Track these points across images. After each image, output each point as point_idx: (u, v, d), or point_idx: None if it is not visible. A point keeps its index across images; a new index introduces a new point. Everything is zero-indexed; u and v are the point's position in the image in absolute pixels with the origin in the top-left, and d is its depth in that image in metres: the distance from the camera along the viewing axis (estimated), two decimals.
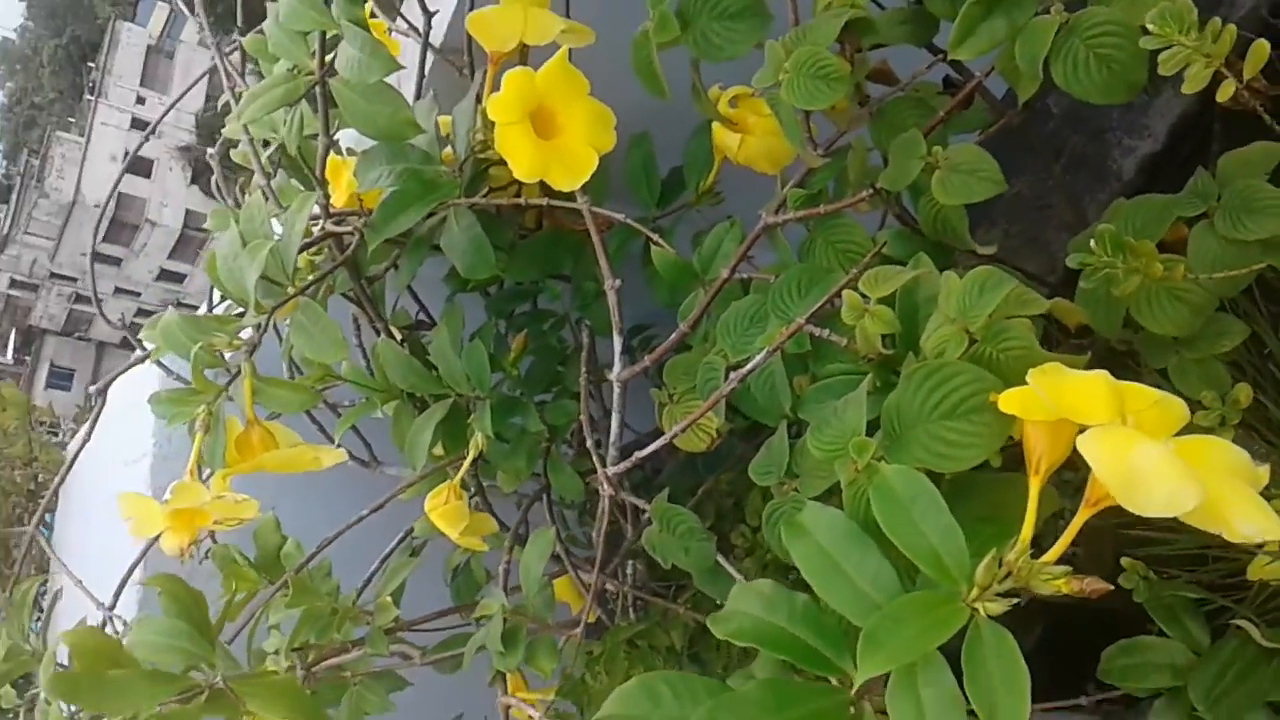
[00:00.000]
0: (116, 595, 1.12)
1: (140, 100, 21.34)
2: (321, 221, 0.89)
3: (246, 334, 0.81)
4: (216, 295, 1.13)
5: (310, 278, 0.84)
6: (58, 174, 21.14)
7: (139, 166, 20.18)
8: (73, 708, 0.95)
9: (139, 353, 1.17)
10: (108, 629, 1.11)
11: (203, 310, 1.22)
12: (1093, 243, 0.64)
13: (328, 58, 0.83)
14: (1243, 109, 0.70)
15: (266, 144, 0.99)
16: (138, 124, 20.91)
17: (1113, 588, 0.52)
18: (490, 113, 0.74)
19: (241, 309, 0.81)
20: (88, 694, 0.65)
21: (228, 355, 0.81)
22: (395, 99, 0.78)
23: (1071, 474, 0.58)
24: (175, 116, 20.68)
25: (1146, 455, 0.48)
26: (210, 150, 1.16)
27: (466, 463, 0.91)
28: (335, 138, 0.89)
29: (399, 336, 0.97)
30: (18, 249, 24.76)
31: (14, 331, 30.09)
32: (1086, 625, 0.85)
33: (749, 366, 0.65)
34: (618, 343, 0.82)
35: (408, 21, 0.99)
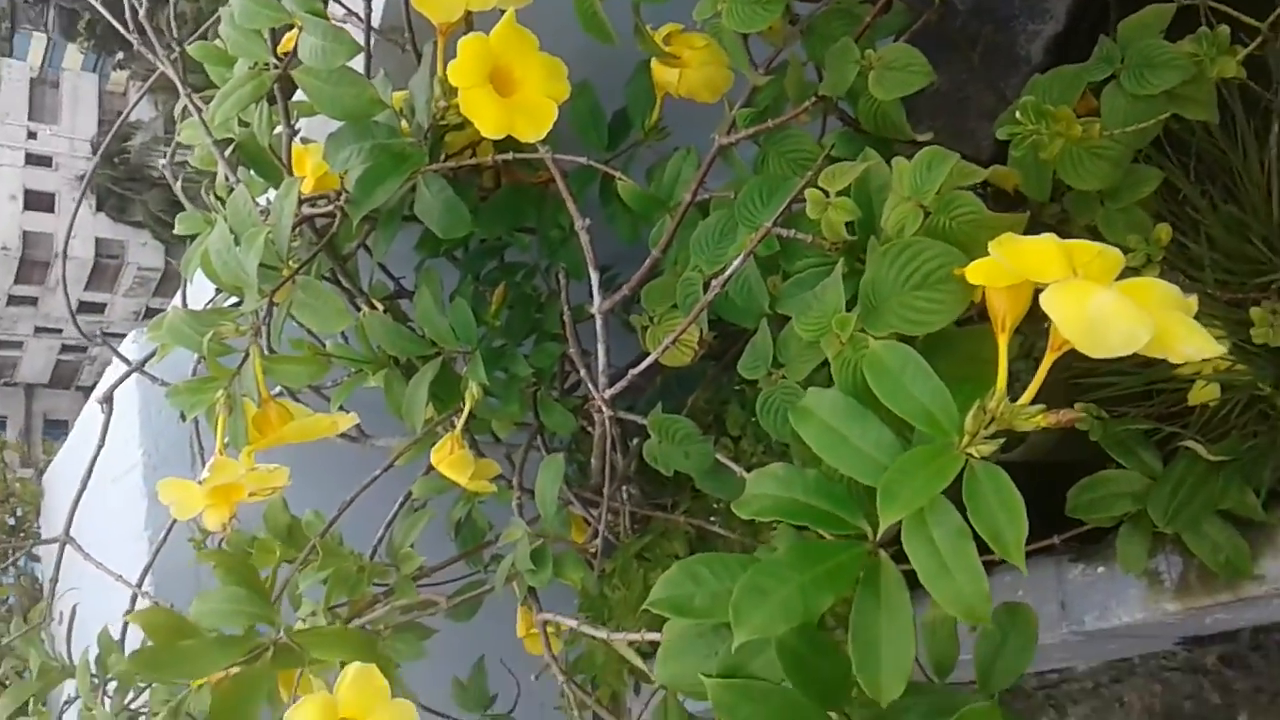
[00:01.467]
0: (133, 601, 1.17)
1: (32, 135, 20.69)
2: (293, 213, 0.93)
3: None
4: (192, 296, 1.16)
5: (296, 261, 0.88)
6: None
7: (41, 202, 19.61)
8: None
9: (111, 365, 1.21)
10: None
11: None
12: (1018, 114, 0.71)
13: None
14: None
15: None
16: (33, 159, 20.29)
17: (1083, 415, 0.59)
18: (452, 79, 0.78)
19: (237, 299, 0.86)
20: (166, 666, 0.70)
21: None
22: (359, 80, 0.82)
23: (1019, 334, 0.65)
24: (70, 145, 20.09)
25: (1102, 302, 0.55)
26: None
27: (464, 413, 0.96)
28: (298, 126, 0.93)
29: (381, 308, 1.01)
30: None
31: None
32: (1045, 480, 0.92)
33: (727, 273, 0.71)
34: (595, 277, 0.88)
35: (344, 6, 1.03)
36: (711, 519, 1.06)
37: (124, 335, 1.40)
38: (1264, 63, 0.83)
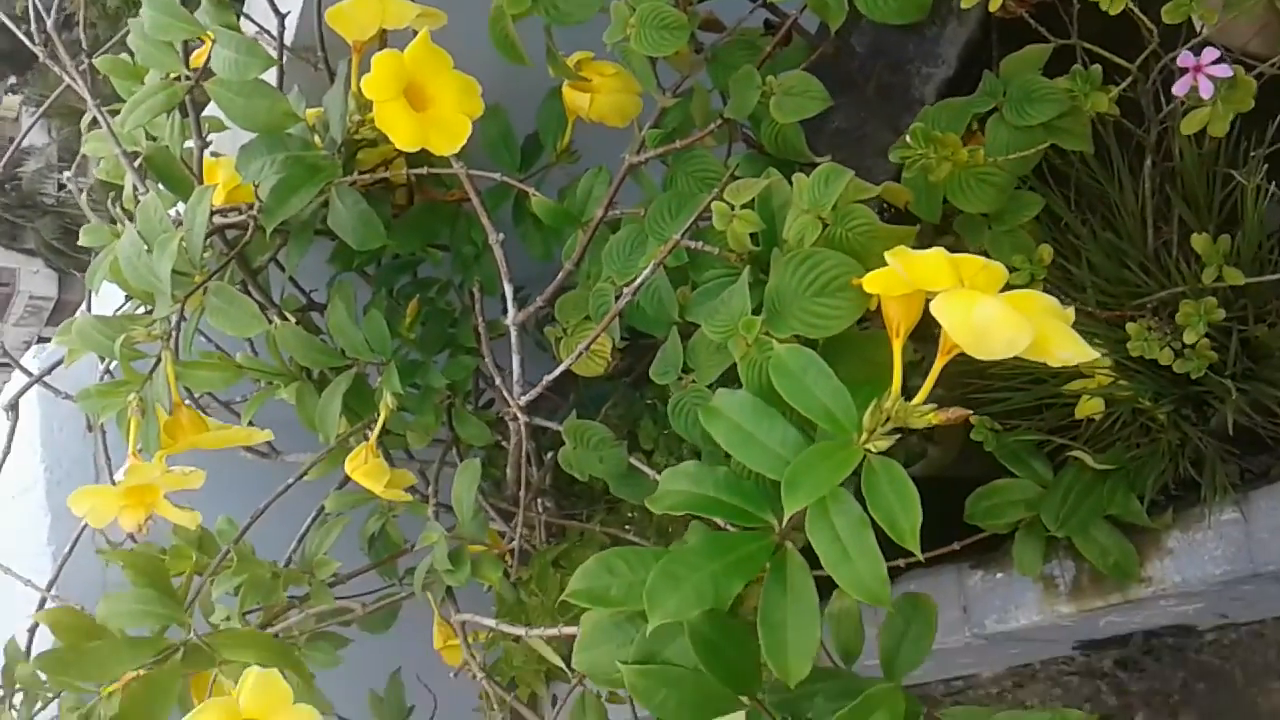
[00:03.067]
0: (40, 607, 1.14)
1: None
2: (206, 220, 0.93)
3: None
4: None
5: (208, 270, 0.88)
6: None
7: None
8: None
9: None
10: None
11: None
12: (908, 139, 0.76)
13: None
14: (1012, 18, 0.83)
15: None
16: None
17: (970, 413, 0.63)
18: (367, 93, 0.80)
19: (147, 308, 0.86)
20: (74, 667, 0.69)
21: None
22: (272, 93, 0.84)
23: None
24: None
25: (986, 309, 0.59)
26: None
27: (379, 423, 0.97)
28: (209, 139, 0.94)
29: (293, 320, 1.02)
30: None
31: None
32: (945, 496, 0.96)
33: (637, 281, 0.74)
34: (509, 289, 0.90)
35: (255, 23, 1.04)
36: (626, 528, 1.09)
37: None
38: (1136, 102, 0.90)
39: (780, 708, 0.69)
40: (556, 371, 0.82)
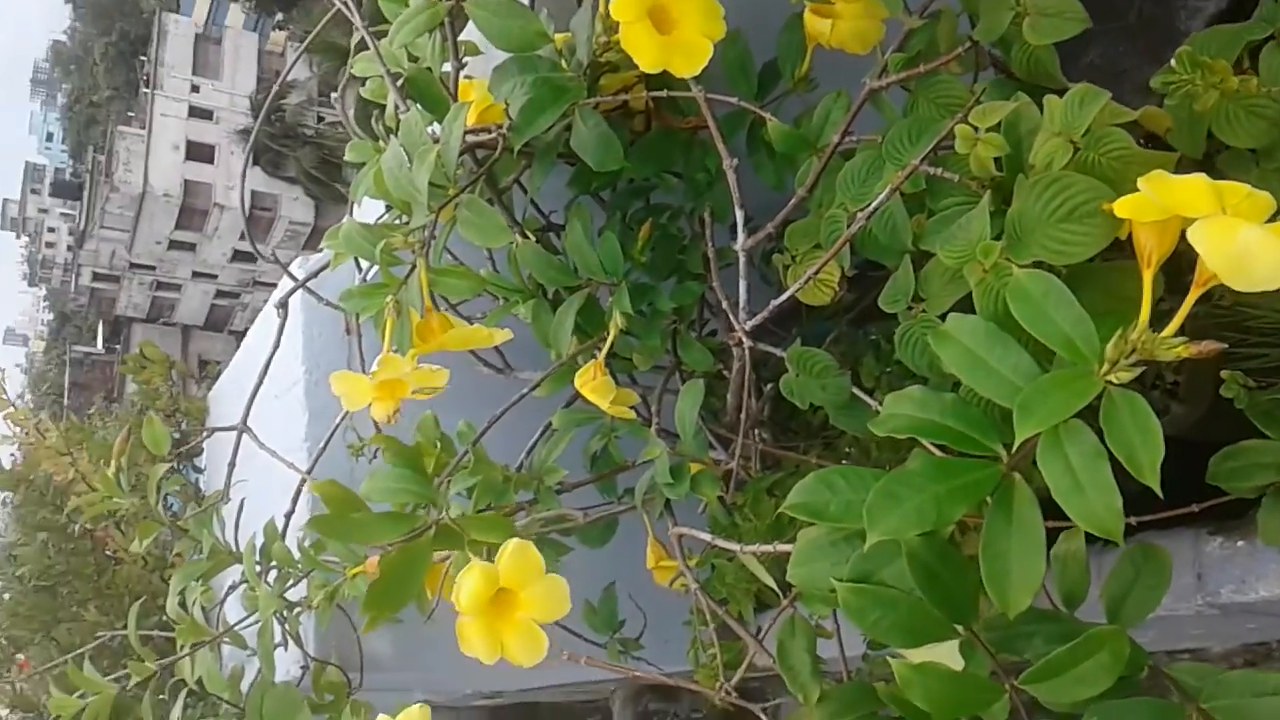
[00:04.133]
0: (294, 500, 1.25)
1: (195, 89, 21.85)
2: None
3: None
4: None
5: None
6: (125, 167, 21.85)
7: (201, 153, 20.71)
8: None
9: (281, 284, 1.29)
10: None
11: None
12: (1174, 63, 0.71)
13: None
14: None
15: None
16: (195, 112, 21.43)
17: (1224, 345, 0.59)
18: (614, 14, 0.82)
19: (405, 219, 0.92)
20: (340, 531, 0.77)
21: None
22: (525, 13, 0.87)
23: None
24: (230, 100, 21.12)
25: (1249, 236, 0.56)
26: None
27: (609, 341, 1.01)
28: (464, 61, 0.99)
29: (533, 239, 1.06)
30: (96, 243, 25.72)
31: (101, 322, 31.49)
32: (1188, 458, 0.91)
33: (873, 206, 0.74)
34: (740, 216, 0.91)
35: None
36: (842, 463, 1.08)
37: (274, 286, 1.50)
38: None
39: (996, 644, 0.68)
40: (785, 296, 0.82)
